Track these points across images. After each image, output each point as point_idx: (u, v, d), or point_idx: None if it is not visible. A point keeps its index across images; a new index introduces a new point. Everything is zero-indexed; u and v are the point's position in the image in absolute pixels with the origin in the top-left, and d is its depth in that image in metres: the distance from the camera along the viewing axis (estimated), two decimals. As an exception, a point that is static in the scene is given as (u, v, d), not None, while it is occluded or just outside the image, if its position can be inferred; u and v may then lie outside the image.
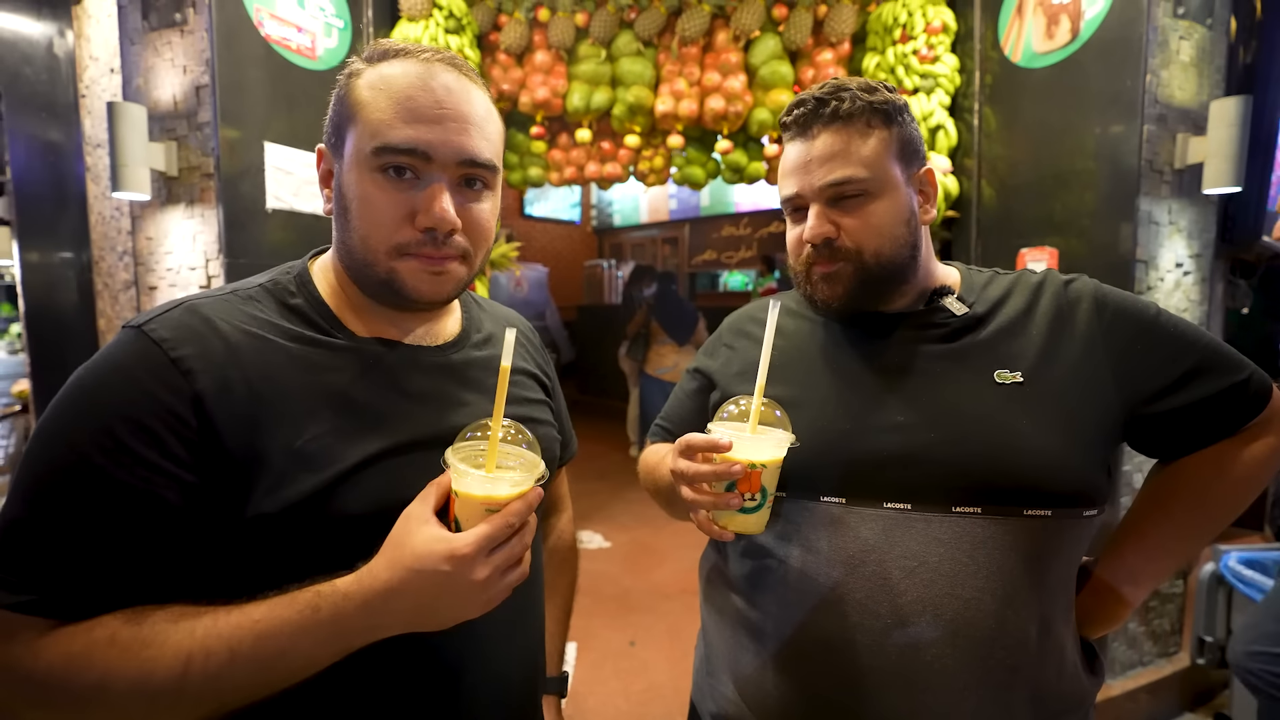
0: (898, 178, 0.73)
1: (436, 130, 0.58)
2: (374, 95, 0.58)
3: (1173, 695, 2.09)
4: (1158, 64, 1.87)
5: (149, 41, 2.11)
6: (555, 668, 0.89)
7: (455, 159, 0.59)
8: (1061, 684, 0.69)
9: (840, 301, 0.75)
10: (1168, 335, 0.71)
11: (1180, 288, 2.01)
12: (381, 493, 0.56)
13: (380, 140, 0.57)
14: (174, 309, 0.56)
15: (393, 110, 0.57)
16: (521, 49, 2.85)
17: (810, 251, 0.74)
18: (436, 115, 0.58)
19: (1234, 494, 0.73)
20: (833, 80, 0.74)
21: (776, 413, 0.69)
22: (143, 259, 2.22)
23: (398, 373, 0.63)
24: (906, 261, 0.74)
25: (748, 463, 0.64)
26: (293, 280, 0.64)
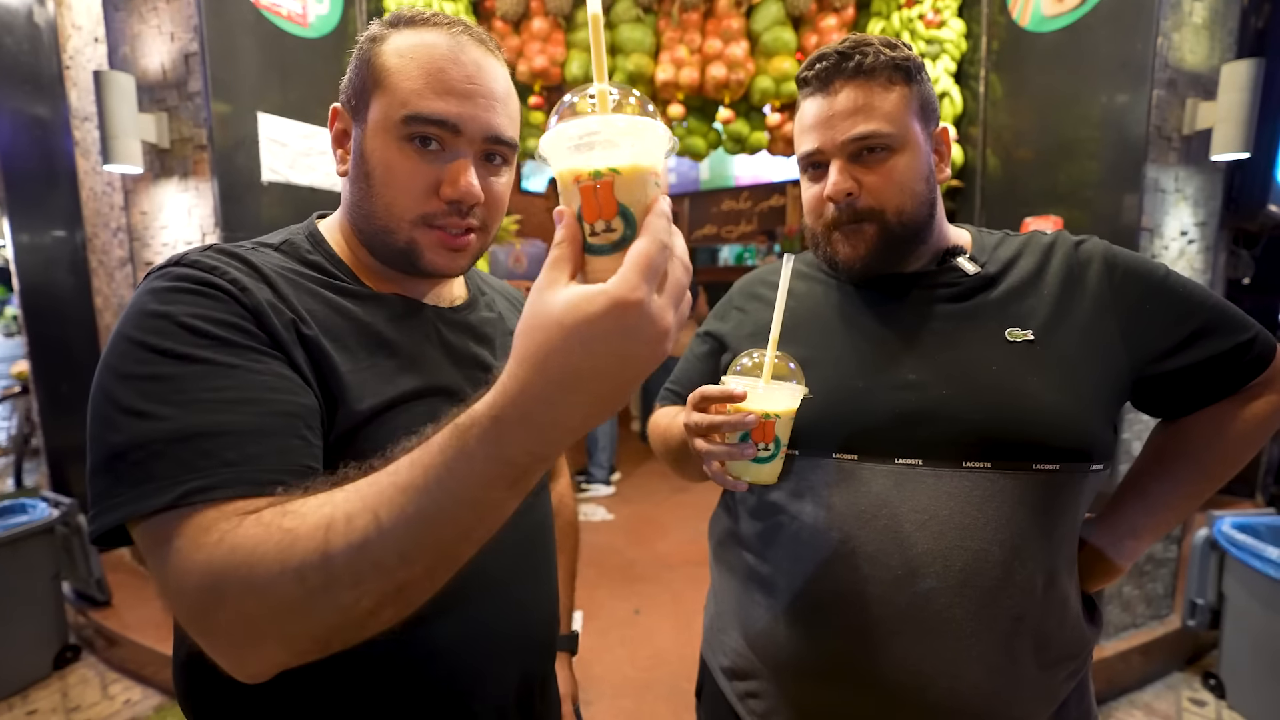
0: (918, 134, 0.73)
1: (467, 105, 0.58)
2: (404, 63, 0.58)
3: (1164, 655, 2.15)
4: (1169, 26, 1.84)
5: (134, 8, 2.05)
6: (565, 626, 0.91)
7: (482, 135, 0.59)
8: (1064, 632, 0.71)
9: (862, 263, 0.74)
10: (1176, 296, 0.72)
11: (1184, 256, 2.01)
12: (402, 433, 0.50)
13: (411, 109, 0.57)
14: (204, 250, 0.55)
15: (424, 80, 0.57)
16: (518, 16, 2.78)
17: (833, 211, 0.74)
18: (467, 90, 0.58)
19: (1234, 451, 0.75)
20: (852, 35, 0.73)
21: (790, 365, 0.70)
22: (138, 234, 2.19)
23: (424, 324, 0.64)
24: (925, 220, 0.74)
25: (761, 412, 0.65)
26: (306, 239, 0.64)
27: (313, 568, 0.39)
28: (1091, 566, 0.79)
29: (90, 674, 2.19)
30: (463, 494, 0.39)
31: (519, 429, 0.38)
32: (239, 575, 0.40)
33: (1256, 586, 1.88)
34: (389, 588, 0.41)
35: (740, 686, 0.81)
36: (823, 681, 0.72)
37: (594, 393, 0.37)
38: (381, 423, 0.56)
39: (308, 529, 0.40)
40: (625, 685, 2.04)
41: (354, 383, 0.55)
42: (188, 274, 0.51)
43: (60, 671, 2.17)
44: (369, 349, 0.58)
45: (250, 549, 0.40)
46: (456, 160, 0.59)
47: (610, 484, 3.75)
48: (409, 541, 0.39)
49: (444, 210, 0.60)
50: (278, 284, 0.55)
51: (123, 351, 0.47)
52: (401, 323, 0.63)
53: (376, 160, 0.59)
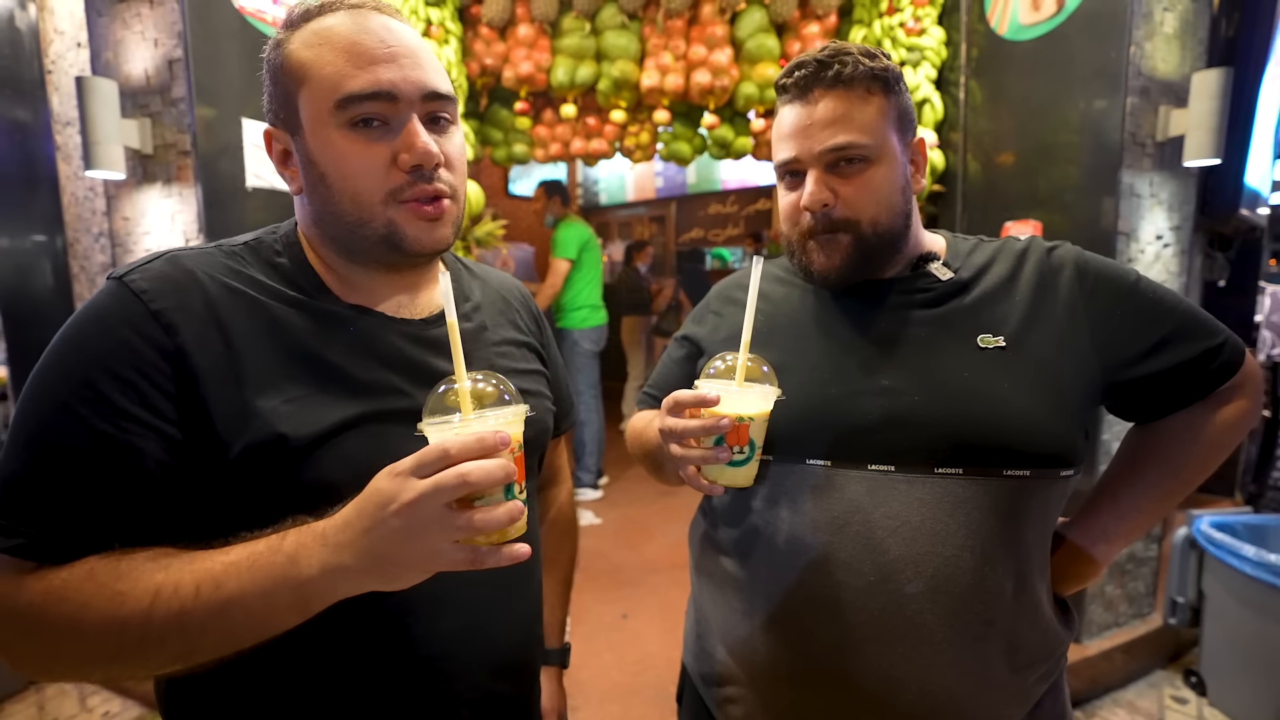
0: (895, 145, 0.73)
1: (393, 69, 0.57)
2: (316, 53, 0.56)
3: (1146, 654, 2.18)
4: (1141, 35, 1.88)
5: (117, 13, 2.04)
6: (556, 639, 0.89)
7: (419, 94, 0.58)
8: (1035, 635, 0.72)
9: (837, 273, 0.75)
10: (1147, 301, 0.73)
11: (1160, 260, 2.05)
12: (359, 458, 0.54)
13: (341, 92, 0.55)
14: (156, 259, 0.56)
15: (343, 60, 0.56)
16: (504, 22, 2.79)
17: (809, 220, 0.74)
18: (388, 54, 0.57)
19: (1205, 455, 0.76)
20: (832, 44, 0.73)
21: (763, 368, 0.70)
22: (120, 240, 2.17)
23: (378, 342, 0.62)
24: (901, 230, 0.75)
25: (735, 416, 0.65)
26: (279, 240, 0.63)
27: (134, 626, 0.47)
28: (1066, 569, 0.80)
29: (68, 686, 2.15)
30: (266, 590, 0.47)
31: (319, 547, 0.47)
32: (65, 621, 0.48)
33: (1234, 584, 1.92)
34: (183, 650, 0.49)
35: (719, 693, 0.81)
36: (798, 687, 0.72)
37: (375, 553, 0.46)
38: (325, 450, 0.55)
39: (136, 594, 0.47)
40: (612, 690, 2.04)
41: (282, 414, 0.54)
42: (121, 302, 0.53)
43: (36, 685, 2.13)
44: (311, 372, 0.57)
45: (81, 602, 0.48)
46: (405, 126, 0.57)
47: (598, 488, 3.75)
48: (212, 615, 0.47)
49: (408, 181, 0.58)
50: (219, 306, 0.55)
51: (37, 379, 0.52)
52: (351, 341, 0.60)
53: (326, 158, 0.57)
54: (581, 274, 3.54)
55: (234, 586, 0.47)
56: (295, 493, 0.54)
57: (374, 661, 0.59)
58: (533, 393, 0.75)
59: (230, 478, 0.53)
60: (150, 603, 0.47)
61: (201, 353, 0.53)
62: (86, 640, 0.48)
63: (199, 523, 0.54)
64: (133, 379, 0.50)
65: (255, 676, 0.57)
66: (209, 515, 0.54)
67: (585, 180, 8.09)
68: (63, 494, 0.49)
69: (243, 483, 0.53)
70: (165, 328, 0.52)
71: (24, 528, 0.49)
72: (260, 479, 0.53)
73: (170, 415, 0.52)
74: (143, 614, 0.47)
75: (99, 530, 0.50)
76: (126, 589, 0.48)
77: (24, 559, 0.49)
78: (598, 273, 3.67)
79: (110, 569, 0.49)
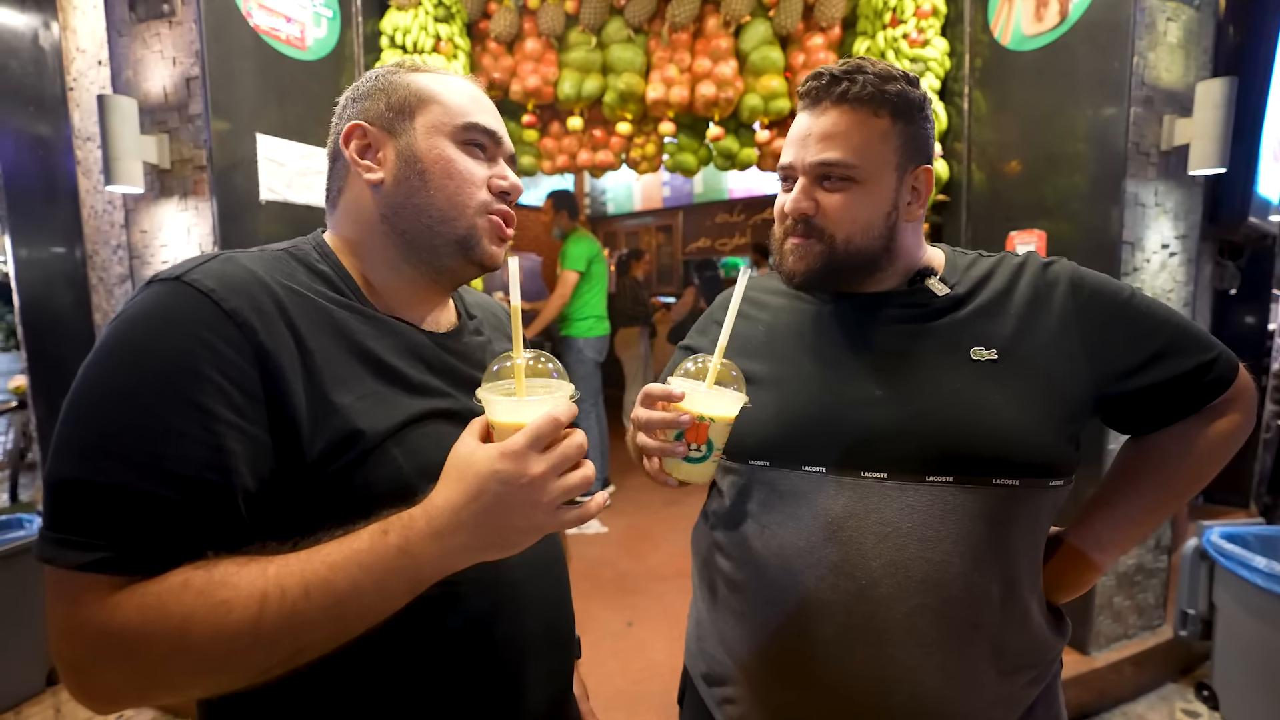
0: (889, 172, 0.74)
1: (500, 125, 0.71)
2: (444, 88, 0.68)
3: (1157, 666, 2.15)
4: (1145, 45, 1.88)
5: (137, 33, 2.10)
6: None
7: (509, 151, 0.72)
8: (1024, 640, 0.73)
9: (803, 278, 0.78)
10: (1140, 316, 0.74)
11: (1166, 269, 2.04)
12: (422, 455, 0.57)
13: (470, 119, 0.67)
14: (213, 260, 0.55)
15: (470, 101, 0.68)
16: (512, 37, 2.84)
17: (789, 224, 0.77)
18: (496, 116, 0.71)
19: (1198, 468, 0.77)
20: (856, 59, 0.75)
21: (733, 372, 0.73)
22: (138, 252, 2.22)
23: (422, 348, 0.66)
24: (878, 253, 0.77)
25: (696, 414, 0.69)
26: (315, 248, 0.66)
27: (244, 634, 0.46)
28: (1060, 576, 0.80)
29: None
30: (379, 579, 0.48)
31: (428, 535, 0.49)
32: (171, 636, 0.45)
33: (1246, 596, 1.89)
34: (293, 650, 0.48)
35: (717, 692, 0.82)
36: (792, 688, 0.73)
37: (491, 528, 0.49)
38: (391, 446, 0.57)
39: (242, 600, 0.46)
40: (617, 697, 2.04)
41: (357, 410, 0.56)
42: (191, 302, 0.51)
43: (54, 687, 2.16)
44: (372, 374, 0.60)
45: (184, 615, 0.45)
46: (502, 161, 0.71)
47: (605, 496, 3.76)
48: (325, 613, 0.48)
49: (497, 199, 0.68)
50: (285, 305, 0.55)
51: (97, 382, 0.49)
52: (403, 346, 0.64)
53: (434, 157, 0.65)
54: (589, 285, 3.61)
55: (345, 583, 0.47)
56: (367, 487, 0.55)
57: (454, 641, 0.61)
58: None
59: (310, 475, 0.53)
60: (259, 609, 0.46)
61: (278, 351, 0.52)
62: (193, 654, 0.46)
63: (279, 522, 0.52)
64: (217, 380, 0.49)
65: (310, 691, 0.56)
66: (288, 514, 0.53)
67: (593, 190, 8.15)
68: (147, 502, 0.47)
69: (320, 479, 0.53)
70: (241, 326, 0.51)
71: (103, 540, 0.46)
72: (336, 475, 0.54)
73: (255, 417, 0.51)
74: (252, 621, 0.46)
75: (188, 538, 0.48)
76: (230, 596, 0.46)
77: (110, 574, 0.46)
78: (604, 285, 3.74)
79: (206, 577, 0.47)
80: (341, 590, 0.47)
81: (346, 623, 0.49)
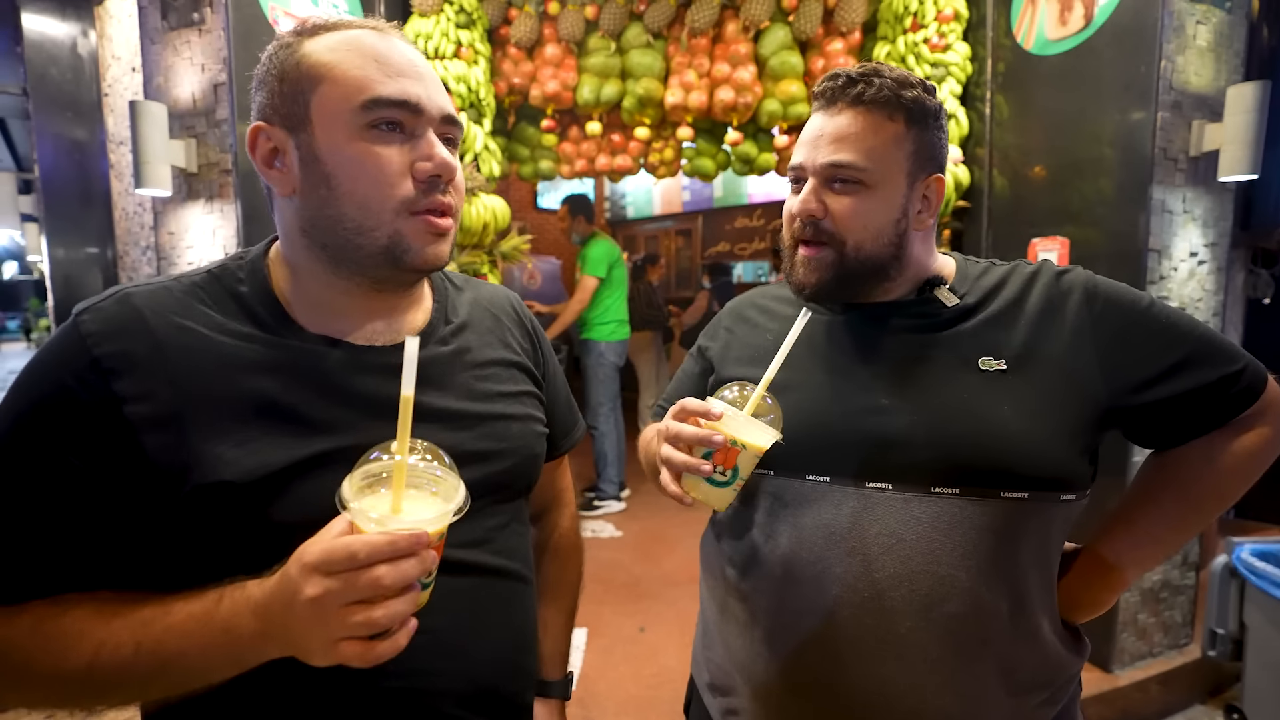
0: (899, 177, 0.73)
1: (419, 85, 0.57)
2: (342, 55, 0.56)
3: (1184, 687, 2.09)
4: (1173, 49, 1.84)
5: (168, 41, 2.16)
6: (558, 670, 0.85)
7: (439, 114, 0.58)
8: (1034, 658, 0.71)
9: (814, 290, 0.76)
10: (1159, 326, 0.72)
11: (1195, 277, 1.99)
12: (311, 502, 0.52)
13: (369, 94, 0.55)
14: (109, 299, 0.55)
15: (373, 66, 0.55)
16: (532, 42, 2.87)
17: (798, 226, 0.76)
18: (415, 72, 0.57)
19: (1225, 485, 0.73)
20: (874, 63, 0.74)
21: (769, 401, 0.71)
22: (165, 253, 2.28)
23: (341, 375, 0.59)
24: (887, 261, 0.75)
25: (730, 437, 0.67)
26: (244, 267, 0.61)
27: (76, 679, 0.50)
28: (1078, 594, 0.78)
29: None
30: (202, 650, 0.49)
31: (250, 614, 0.48)
32: (11, 672, 0.51)
33: (1279, 617, 1.83)
34: (125, 698, 0.53)
35: (722, 702, 0.82)
36: (794, 699, 0.73)
37: (285, 628, 0.47)
38: (275, 493, 0.53)
39: (78, 649, 0.50)
40: (629, 703, 2.04)
41: (228, 460, 0.53)
42: (69, 344, 0.53)
43: None
44: (262, 413, 0.55)
45: (25, 657, 0.50)
46: (425, 136, 0.57)
47: (621, 499, 3.76)
48: (151, 671, 0.50)
49: (422, 191, 0.57)
50: (167, 346, 0.54)
51: None
52: (309, 377, 0.58)
53: (337, 158, 0.55)
54: (610, 290, 3.61)
55: (173, 648, 0.49)
56: (252, 536, 0.53)
57: (344, 688, 0.56)
58: (516, 416, 0.70)
59: (182, 519, 0.52)
60: (91, 659, 0.49)
61: (141, 399, 0.52)
62: (30, 689, 0.52)
63: (157, 562, 0.54)
64: (67, 424, 0.51)
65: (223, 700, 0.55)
66: (166, 555, 0.54)
67: (612, 194, 8.18)
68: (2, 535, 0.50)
69: (193, 526, 0.53)
70: (105, 374, 0.51)
71: None
72: (211, 522, 0.53)
73: (105, 461, 0.51)
74: (84, 669, 0.50)
75: (40, 574, 0.51)
76: (71, 644, 0.50)
77: None
78: (624, 289, 3.73)
79: (55, 623, 0.51)
80: (169, 653, 0.49)
81: (171, 682, 0.51)
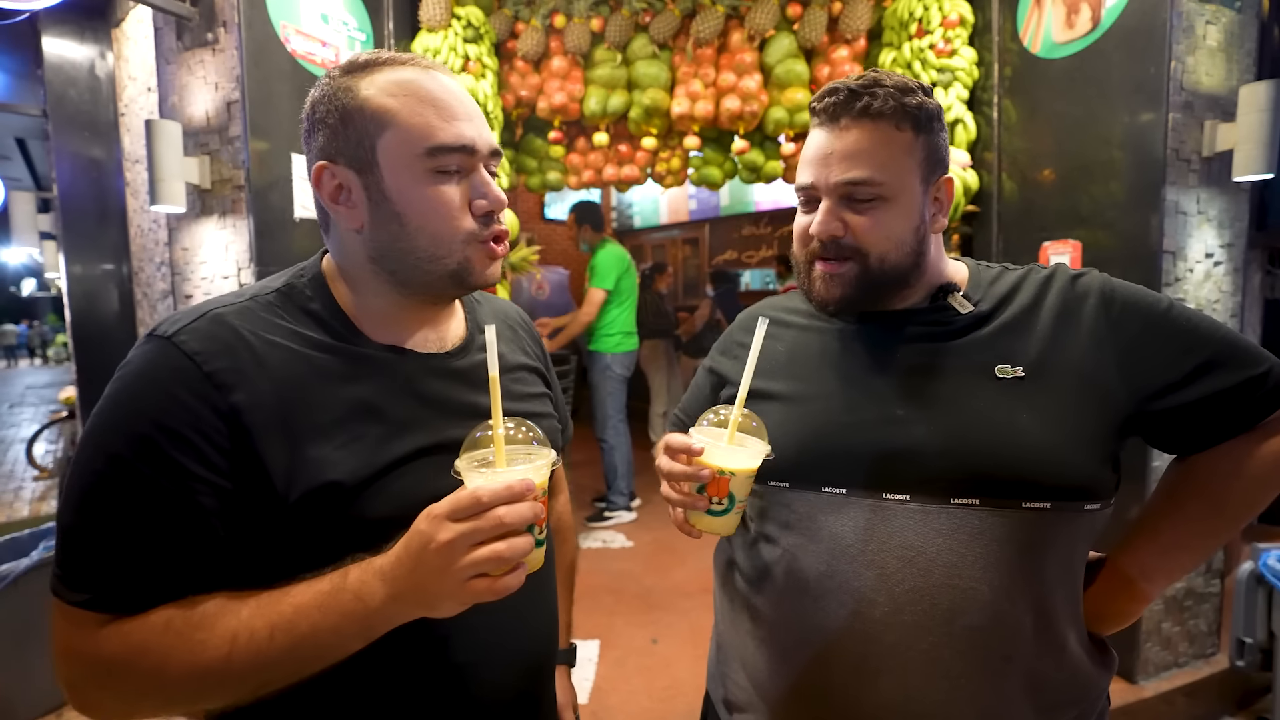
0: (915, 185, 0.72)
1: (471, 126, 0.63)
2: (402, 102, 0.61)
3: (1211, 698, 2.03)
4: (1183, 50, 1.83)
5: (183, 61, 2.20)
6: (564, 640, 0.93)
7: (488, 150, 0.65)
8: (1062, 675, 0.69)
9: (837, 305, 0.75)
10: (1179, 329, 0.70)
11: (1211, 279, 1.96)
12: (406, 496, 0.57)
13: (431, 141, 0.60)
14: (200, 319, 0.58)
15: (431, 112, 0.61)
16: (539, 55, 2.90)
17: (816, 246, 0.74)
18: (466, 113, 0.63)
19: (1251, 491, 0.71)
20: (870, 72, 0.72)
21: (753, 423, 0.71)
22: (179, 269, 2.31)
23: (413, 380, 0.65)
24: (909, 269, 0.74)
25: (716, 469, 0.68)
26: (309, 284, 0.66)
27: (215, 671, 0.52)
28: (1103, 606, 0.76)
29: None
30: (335, 623, 0.52)
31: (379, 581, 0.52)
32: (150, 672, 0.52)
33: (1307, 624, 1.78)
34: (259, 684, 0.53)
35: (739, 719, 0.80)
36: (814, 717, 0.71)
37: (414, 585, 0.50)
38: (373, 493, 0.59)
39: (215, 641, 0.52)
40: (641, 716, 2.01)
41: (334, 461, 0.57)
42: (175, 364, 0.55)
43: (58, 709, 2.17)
44: (355, 417, 0.60)
45: (163, 654, 0.51)
46: (477, 175, 0.64)
47: (631, 509, 3.74)
48: (286, 653, 0.52)
49: (483, 223, 0.64)
50: (266, 360, 0.58)
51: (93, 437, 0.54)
52: (388, 383, 0.64)
53: (407, 199, 0.61)
54: (617, 301, 3.60)
55: (306, 626, 0.52)
56: (352, 532, 0.57)
57: (412, 671, 0.62)
58: (543, 415, 0.79)
59: (291, 523, 0.56)
60: (229, 649, 0.51)
61: (254, 409, 0.55)
62: (169, 687, 0.52)
63: (265, 565, 0.56)
64: (190, 436, 0.53)
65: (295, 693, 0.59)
66: (274, 557, 0.57)
67: (619, 204, 8.22)
68: (123, 548, 0.52)
69: (303, 526, 0.56)
70: (219, 388, 0.55)
71: (90, 583, 0.52)
72: (318, 522, 0.56)
73: (225, 470, 0.54)
74: (223, 659, 0.51)
75: (164, 581, 0.53)
76: (205, 637, 0.52)
77: (95, 612, 0.52)
78: (633, 299, 3.71)
79: (185, 619, 0.52)
80: (302, 632, 0.52)
81: (305, 662, 0.53)
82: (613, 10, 2.84)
